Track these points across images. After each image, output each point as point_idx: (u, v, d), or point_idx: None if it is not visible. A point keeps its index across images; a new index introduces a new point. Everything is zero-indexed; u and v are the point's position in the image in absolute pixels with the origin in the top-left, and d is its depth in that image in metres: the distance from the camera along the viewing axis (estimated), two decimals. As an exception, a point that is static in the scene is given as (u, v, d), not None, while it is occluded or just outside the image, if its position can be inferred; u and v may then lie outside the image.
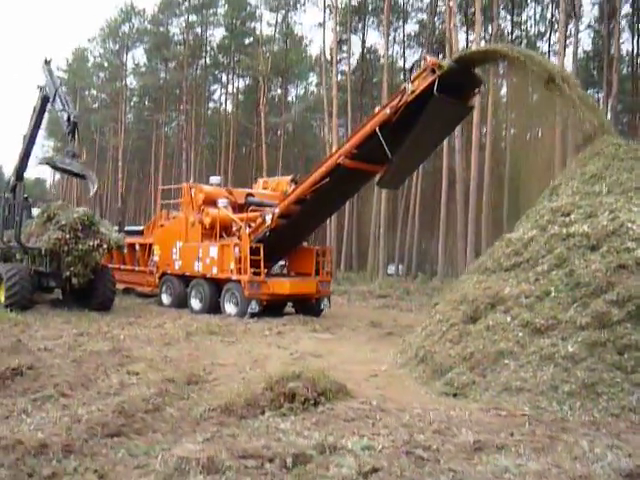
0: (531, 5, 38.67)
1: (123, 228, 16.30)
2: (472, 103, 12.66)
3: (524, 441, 4.89)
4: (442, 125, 12.25)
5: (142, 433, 4.96)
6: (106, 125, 55.61)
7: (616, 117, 30.05)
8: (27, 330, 10.96)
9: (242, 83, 51.88)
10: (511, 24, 37.05)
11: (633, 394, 5.93)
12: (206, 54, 49.40)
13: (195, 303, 15.36)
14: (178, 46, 48.78)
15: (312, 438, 4.76)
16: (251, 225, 14.77)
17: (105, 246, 14.14)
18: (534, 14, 39.41)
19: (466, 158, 27.49)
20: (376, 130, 11.93)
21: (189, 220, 15.90)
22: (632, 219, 7.47)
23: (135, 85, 55.42)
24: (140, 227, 19.71)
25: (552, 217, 8.32)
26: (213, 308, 14.85)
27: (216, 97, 55.68)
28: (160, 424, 5.24)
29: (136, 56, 55.72)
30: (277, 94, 50.69)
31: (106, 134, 56.25)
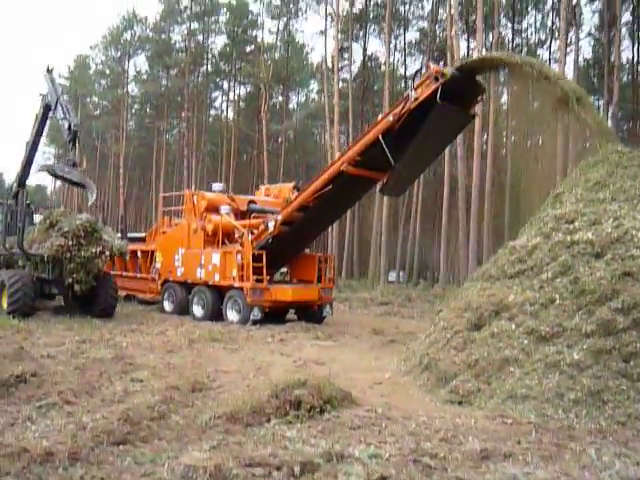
0: (532, 13, 38.82)
1: (126, 235, 16.31)
2: (474, 111, 12.70)
3: (531, 449, 4.87)
4: (445, 132, 12.27)
5: (148, 441, 4.94)
6: (107, 132, 55.75)
7: (617, 124, 30.10)
8: (29, 337, 10.93)
9: (243, 90, 52.12)
10: (512, 32, 37.23)
11: (639, 402, 5.91)
12: (207, 61, 49.60)
13: (197, 310, 15.33)
14: (180, 53, 48.98)
15: (319, 446, 4.74)
16: (253, 232, 14.76)
17: (108, 253, 14.12)
18: (534, 22, 39.65)
19: (467, 166, 27.52)
20: (379, 137, 11.94)
21: (191, 227, 15.89)
22: (636, 226, 7.47)
23: (136, 92, 55.63)
24: (142, 234, 19.70)
25: (556, 224, 8.33)
26: (215, 315, 14.82)
27: (217, 104, 55.96)
28: (165, 432, 5.22)
29: (138, 63, 56.11)
30: (278, 101, 50.84)
31: (107, 141, 56.37)
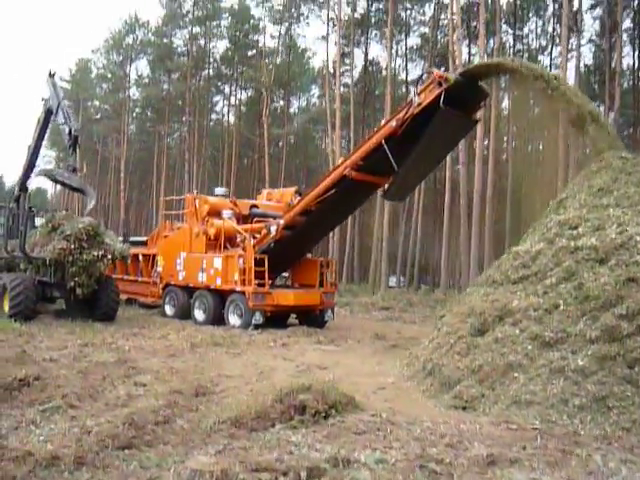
0: (532, 19, 38.93)
1: (128, 239, 16.31)
2: (477, 116, 12.72)
3: (537, 455, 4.86)
4: (448, 138, 12.30)
5: (153, 445, 4.93)
6: (109, 136, 55.79)
7: (618, 131, 30.15)
8: (31, 340, 10.92)
9: (244, 95, 52.18)
10: (513, 38, 37.31)
11: (644, 408, 5.90)
12: (209, 66, 49.66)
13: (199, 314, 15.31)
14: (181, 57, 49.06)
15: (324, 451, 4.73)
16: (256, 236, 14.77)
17: (110, 256, 14.11)
18: (535, 28, 39.75)
19: (468, 171, 27.55)
20: (382, 142, 11.96)
21: (193, 231, 15.90)
22: (641, 232, 7.48)
23: (138, 96, 55.69)
24: (143, 238, 19.71)
25: (560, 230, 8.34)
26: (217, 319, 14.81)
27: (218, 108, 56.02)
28: (170, 436, 5.21)
29: (139, 67, 56.19)
30: (279, 106, 50.91)
31: (108, 145, 56.42)
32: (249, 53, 48.16)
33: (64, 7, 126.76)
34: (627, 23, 33.62)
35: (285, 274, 16.97)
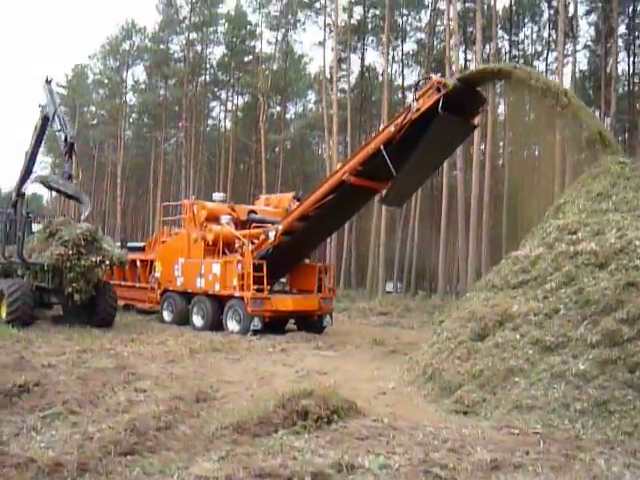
0: (528, 25, 39.12)
1: (126, 244, 16.29)
2: (475, 122, 12.77)
3: (540, 460, 4.85)
4: (446, 143, 12.34)
5: (155, 451, 4.91)
6: (105, 141, 55.73)
7: (614, 136, 30.27)
8: (29, 346, 10.88)
9: (241, 100, 52.22)
10: (509, 43, 37.49)
11: (646, 412, 5.91)
12: (206, 71, 49.70)
13: (197, 320, 15.28)
14: (178, 63, 49.08)
15: (328, 457, 4.72)
16: (254, 242, 14.78)
17: (108, 262, 14.09)
18: (531, 33, 39.95)
19: (465, 177, 27.62)
20: (380, 148, 11.99)
21: (191, 236, 15.88)
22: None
23: (134, 102, 55.68)
24: (141, 243, 19.67)
25: (559, 235, 8.36)
26: (215, 325, 14.78)
27: (215, 114, 56.05)
28: (172, 442, 5.19)
29: (136, 73, 56.15)
30: (276, 111, 50.97)
31: (105, 150, 56.36)
32: (246, 59, 48.22)
33: (61, 13, 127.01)
34: (622, 29, 33.87)
35: (282, 280, 16.97)
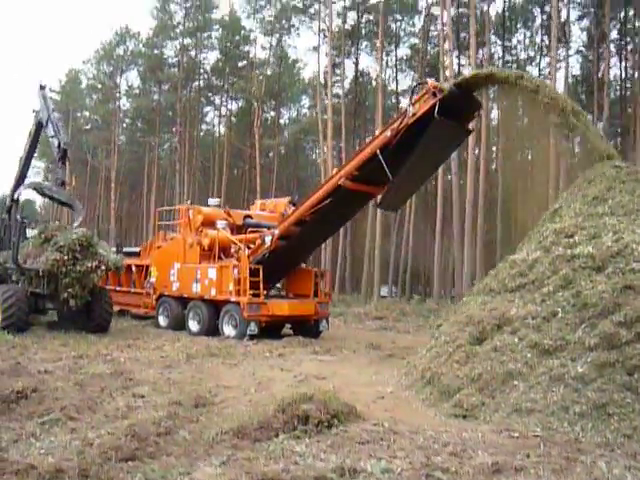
0: (521, 31, 39.33)
1: (121, 249, 16.24)
2: (471, 126, 12.82)
3: (542, 463, 4.86)
4: (442, 147, 12.37)
5: (156, 457, 4.89)
6: (99, 146, 55.56)
7: (607, 140, 30.45)
8: (25, 352, 10.84)
9: (235, 105, 52.21)
10: (502, 49, 37.68)
11: (644, 415, 5.92)
12: (200, 77, 49.67)
13: (193, 325, 15.24)
14: (172, 69, 49.05)
15: (330, 461, 4.72)
16: (250, 246, 14.76)
17: (103, 267, 14.02)
18: (524, 39, 40.16)
19: (460, 181, 27.71)
20: (377, 152, 12.02)
21: (187, 241, 15.84)
22: (636, 240, 7.55)
23: (128, 107, 55.60)
24: (136, 248, 19.62)
25: (556, 238, 8.40)
26: (211, 330, 14.73)
27: (209, 119, 56.01)
28: (173, 447, 5.18)
29: (130, 78, 56.04)
30: (270, 116, 50.99)
31: (98, 155, 56.18)
32: (240, 64, 48.20)
33: (54, 18, 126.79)
34: (614, 34, 34.08)
35: (278, 285, 16.95)
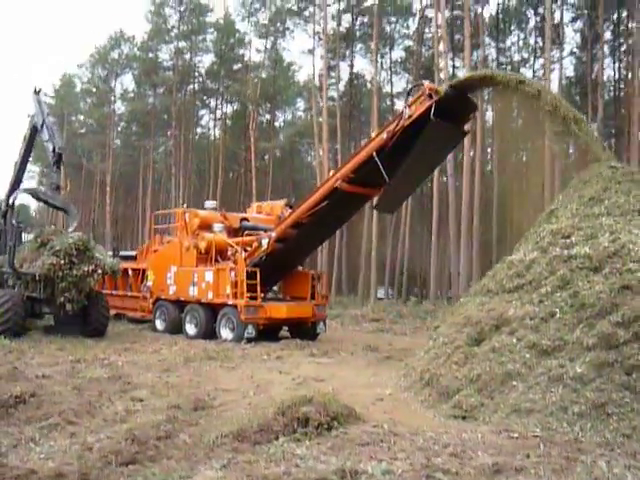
0: (515, 32, 39.43)
1: (118, 253, 16.22)
2: (467, 128, 12.85)
3: (542, 463, 4.87)
4: (438, 149, 12.40)
5: (156, 460, 4.89)
6: (93, 150, 55.44)
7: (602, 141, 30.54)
8: (22, 357, 10.81)
9: (230, 108, 52.20)
10: (496, 51, 37.79)
11: (643, 414, 5.94)
12: (195, 80, 49.67)
13: (190, 328, 15.21)
14: (167, 72, 49.01)
15: (330, 463, 4.71)
16: (247, 249, 14.75)
17: (100, 271, 14.02)
18: (517, 41, 40.27)
19: (456, 182, 27.76)
20: (373, 154, 12.03)
21: (184, 245, 15.82)
22: (633, 240, 7.57)
23: (123, 110, 55.50)
24: (133, 252, 19.57)
25: (553, 239, 8.42)
26: (208, 333, 14.72)
27: (204, 122, 55.95)
28: (173, 451, 5.16)
29: (125, 82, 55.98)
30: (265, 119, 50.99)
31: (93, 159, 56.05)
32: (235, 67, 48.24)
33: (48, 23, 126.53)
34: (607, 35, 34.21)
35: (274, 287, 16.93)
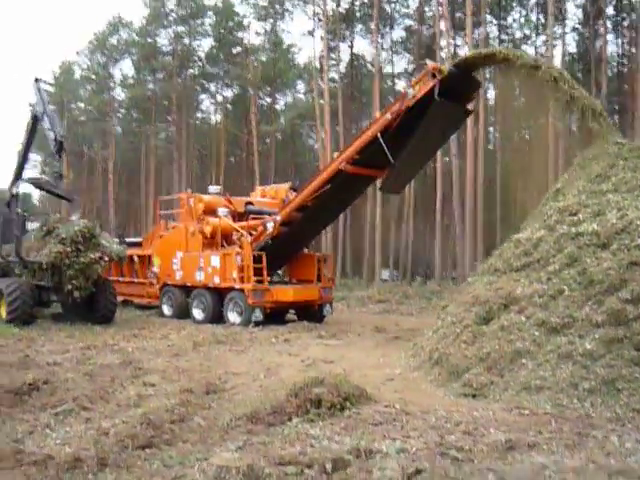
0: (517, 9, 38.96)
1: (124, 240, 16.25)
2: (471, 107, 12.77)
3: (554, 439, 4.91)
4: (442, 129, 12.33)
5: (172, 443, 4.94)
6: (94, 138, 55.25)
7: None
8: (32, 345, 10.89)
9: (230, 93, 51.88)
10: (498, 28, 37.39)
11: (653, 389, 5.97)
12: (194, 64, 49.32)
13: (197, 313, 15.28)
14: (166, 57, 48.63)
15: (344, 443, 4.76)
16: (252, 233, 14.76)
17: (107, 258, 14.06)
18: (519, 18, 39.80)
19: (460, 162, 27.63)
20: (378, 135, 11.97)
21: (189, 230, 15.83)
22: (641, 216, 7.55)
23: (123, 97, 55.19)
24: (139, 239, 19.60)
25: (560, 217, 8.41)
26: (216, 318, 14.78)
27: (205, 107, 55.63)
28: (188, 434, 5.22)
29: (124, 68, 55.59)
30: (266, 103, 50.68)
31: (94, 146, 55.87)
32: (234, 51, 47.85)
33: (46, 10, 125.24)
34: (610, 10, 33.81)
35: (279, 271, 16.96)
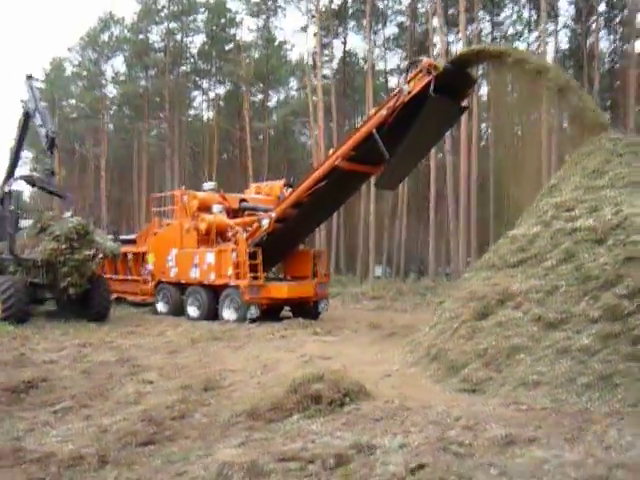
0: (509, 6, 39.02)
1: (118, 237, 16.20)
2: (466, 103, 12.80)
3: (553, 433, 4.94)
4: (438, 125, 12.36)
5: (174, 440, 4.95)
6: (86, 134, 54.94)
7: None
8: (27, 343, 10.86)
9: (223, 89, 51.70)
10: (491, 25, 37.45)
11: (650, 384, 6.01)
12: (187, 61, 49.12)
13: (192, 310, 15.26)
14: (158, 53, 48.40)
15: (346, 438, 4.77)
16: (247, 230, 14.75)
17: (101, 255, 14.03)
18: (512, 14, 39.86)
19: (454, 158, 27.68)
20: (373, 132, 11.98)
21: (184, 227, 15.79)
22: (636, 212, 7.60)
23: (115, 94, 54.89)
24: (132, 236, 19.54)
25: (556, 212, 8.44)
26: (211, 315, 14.78)
27: (197, 104, 55.44)
28: (189, 431, 5.23)
29: (115, 65, 55.28)
30: (258, 99, 50.56)
31: (86, 143, 55.56)
32: (226, 47, 47.69)
33: (37, 6, 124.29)
34: (602, 7, 33.92)
35: (273, 268, 16.95)
